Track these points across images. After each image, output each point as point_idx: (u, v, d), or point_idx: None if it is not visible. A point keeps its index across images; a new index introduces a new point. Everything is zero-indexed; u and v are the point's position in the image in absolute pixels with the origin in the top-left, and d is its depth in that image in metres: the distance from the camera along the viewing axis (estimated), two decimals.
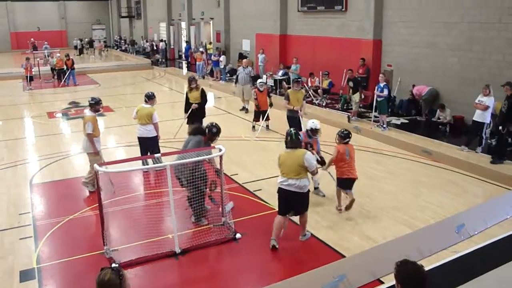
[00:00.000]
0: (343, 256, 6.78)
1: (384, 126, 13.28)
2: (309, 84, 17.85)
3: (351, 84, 14.73)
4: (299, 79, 13.08)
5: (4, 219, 8.28)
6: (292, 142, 7.06)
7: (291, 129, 7.36)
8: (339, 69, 17.06)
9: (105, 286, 3.11)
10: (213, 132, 7.79)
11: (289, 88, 15.61)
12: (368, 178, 9.99)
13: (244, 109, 16.82)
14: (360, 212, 8.29)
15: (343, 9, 17.76)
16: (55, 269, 6.77)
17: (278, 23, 21.69)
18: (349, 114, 14.71)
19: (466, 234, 7.18)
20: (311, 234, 7.41)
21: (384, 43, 16.30)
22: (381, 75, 13.68)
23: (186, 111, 12.64)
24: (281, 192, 7.08)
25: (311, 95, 17.31)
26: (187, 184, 7.42)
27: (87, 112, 9.35)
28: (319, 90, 17.41)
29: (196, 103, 12.42)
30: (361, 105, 15.08)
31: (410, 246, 6.57)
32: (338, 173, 8.25)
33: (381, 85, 13.21)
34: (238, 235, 7.32)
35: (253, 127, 14.18)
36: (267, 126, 14.15)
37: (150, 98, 10.38)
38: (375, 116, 13.81)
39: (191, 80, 12.69)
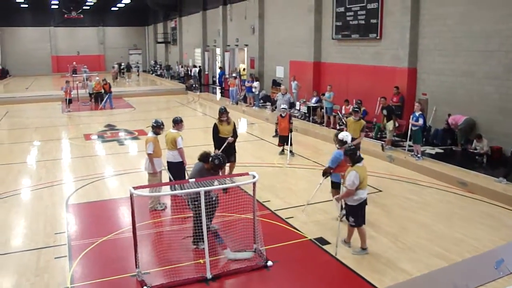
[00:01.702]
0: None
1: (419, 155, 13.07)
2: (343, 112, 17.80)
3: (385, 112, 14.63)
4: (357, 109, 12.25)
5: (41, 238, 8.46)
6: (359, 156, 7.67)
7: (351, 145, 7.99)
8: (373, 97, 16.97)
9: None
10: (215, 164, 7.83)
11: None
12: (401, 208, 9.83)
13: (278, 135, 16.84)
14: (393, 243, 8.14)
15: (378, 37, 17.78)
16: None
17: (312, 50, 21.82)
18: (383, 142, 14.56)
19: (506, 270, 6.93)
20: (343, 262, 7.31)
21: (419, 71, 16.17)
22: (416, 104, 13.53)
23: (216, 146, 11.30)
24: (364, 203, 7.79)
25: (344, 122, 17.20)
26: (194, 208, 7.52)
27: (149, 133, 9.91)
28: None
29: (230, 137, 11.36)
30: (395, 134, 14.93)
31: (446, 280, 6.41)
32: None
33: (417, 114, 13.06)
34: (269, 263, 7.26)
35: (282, 150, 14.26)
36: (291, 151, 14.14)
37: (176, 123, 10.22)
38: (409, 146, 13.62)
39: (222, 112, 11.39)
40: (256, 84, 23.75)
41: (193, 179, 7.16)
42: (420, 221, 9.19)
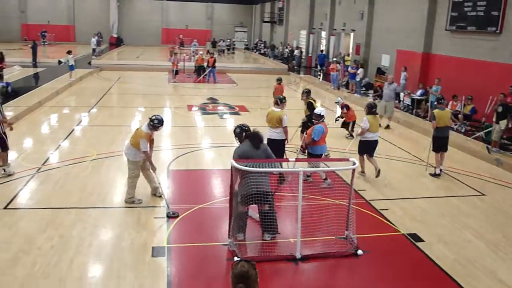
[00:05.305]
0: None
1: None
2: (449, 107, 16.93)
3: (500, 109, 13.53)
4: (442, 100, 12.22)
5: (142, 198, 8.97)
6: (374, 111, 10.83)
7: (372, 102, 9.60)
8: (484, 95, 15.95)
9: (244, 277, 3.24)
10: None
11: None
12: (507, 216, 9.21)
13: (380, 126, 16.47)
14: (494, 251, 7.67)
15: (497, 31, 16.56)
16: (182, 251, 7.24)
17: (422, 41, 20.86)
18: (489, 145, 13.63)
19: None
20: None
21: None
22: None
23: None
24: (372, 143, 10.72)
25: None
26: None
27: (144, 126, 8.77)
28: (459, 115, 16.42)
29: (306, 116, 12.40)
30: (504, 136, 13.93)
31: None
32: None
33: None
34: (359, 252, 7.19)
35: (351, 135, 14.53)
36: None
37: (281, 101, 10.63)
38: None
39: (302, 92, 13.24)
40: (359, 71, 23.26)
41: (293, 159, 7.22)
42: None
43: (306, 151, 10.37)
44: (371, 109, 10.80)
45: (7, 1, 51.05)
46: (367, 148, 10.78)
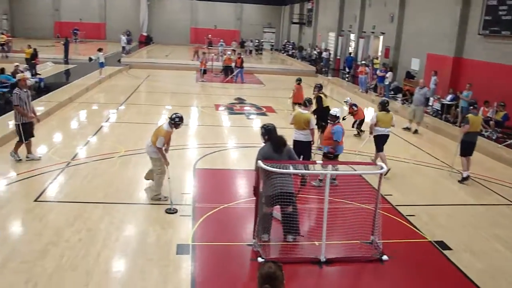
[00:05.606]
0: None
1: None
2: (480, 113, 16.57)
3: None
4: (475, 104, 12.06)
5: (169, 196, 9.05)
6: (386, 108, 11.26)
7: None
8: None
9: (271, 278, 3.24)
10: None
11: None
12: None
13: (408, 129, 16.30)
14: None
15: None
16: (206, 249, 7.27)
17: (453, 45, 20.49)
18: None
19: None
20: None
21: None
22: None
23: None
24: (383, 136, 11.12)
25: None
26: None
27: (165, 125, 8.89)
28: (491, 122, 16.07)
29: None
30: None
31: None
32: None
33: None
34: (385, 257, 7.10)
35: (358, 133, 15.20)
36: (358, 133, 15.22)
37: (310, 103, 10.84)
38: None
39: (314, 86, 14.19)
40: (388, 74, 23.00)
41: (320, 161, 7.18)
42: None
43: (323, 152, 10.35)
44: (384, 106, 11.33)
45: (42, 0, 52.26)
46: (383, 141, 11.19)
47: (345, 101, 16.61)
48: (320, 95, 13.50)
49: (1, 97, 16.90)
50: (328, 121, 10.20)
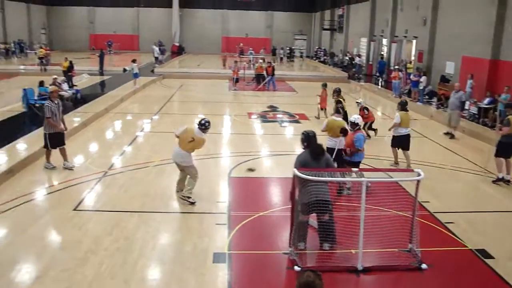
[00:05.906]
0: None
1: None
2: None
3: None
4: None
5: (205, 204, 9.16)
6: (406, 108, 11.89)
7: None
8: None
9: (310, 287, 3.22)
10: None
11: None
12: None
13: (449, 134, 15.97)
14: None
15: None
16: (242, 258, 7.28)
17: (490, 47, 20.00)
18: None
19: None
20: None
21: None
22: None
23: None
24: (404, 137, 11.73)
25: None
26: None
27: (202, 132, 9.43)
28: None
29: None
30: None
31: None
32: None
33: None
34: (424, 266, 6.94)
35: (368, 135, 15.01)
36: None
37: (343, 109, 11.06)
38: None
39: (333, 91, 14.69)
40: (422, 79, 22.63)
41: (356, 169, 7.11)
42: None
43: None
44: (403, 106, 11.95)
45: (77, 13, 53.96)
46: (399, 142, 11.83)
47: (357, 102, 16.42)
48: (340, 99, 13.58)
49: (40, 108, 17.40)
50: (349, 129, 10.14)
